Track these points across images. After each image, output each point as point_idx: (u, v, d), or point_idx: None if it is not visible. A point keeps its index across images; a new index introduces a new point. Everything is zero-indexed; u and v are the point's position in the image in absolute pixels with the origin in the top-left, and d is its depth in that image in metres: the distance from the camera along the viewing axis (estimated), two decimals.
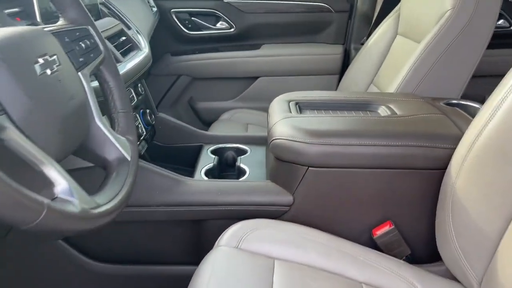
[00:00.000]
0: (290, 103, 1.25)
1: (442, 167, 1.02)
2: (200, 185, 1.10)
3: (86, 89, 0.72)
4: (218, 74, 2.18)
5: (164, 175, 1.09)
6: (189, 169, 1.44)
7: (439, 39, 1.39)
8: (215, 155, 1.36)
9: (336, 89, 2.15)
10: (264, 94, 2.18)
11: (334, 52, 2.16)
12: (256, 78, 2.17)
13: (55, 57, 0.64)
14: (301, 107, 1.26)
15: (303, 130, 1.05)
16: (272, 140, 1.08)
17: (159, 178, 1.08)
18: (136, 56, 1.27)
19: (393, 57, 1.77)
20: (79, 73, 0.72)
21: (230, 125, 1.91)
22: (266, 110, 2.19)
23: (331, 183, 1.05)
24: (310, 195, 1.06)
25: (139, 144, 1.25)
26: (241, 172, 1.26)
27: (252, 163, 1.30)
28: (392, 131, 1.05)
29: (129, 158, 0.74)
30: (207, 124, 2.19)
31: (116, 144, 0.73)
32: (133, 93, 1.27)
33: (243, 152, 1.38)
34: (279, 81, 2.17)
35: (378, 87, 1.80)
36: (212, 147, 1.40)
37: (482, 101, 2.19)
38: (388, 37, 1.84)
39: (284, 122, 1.11)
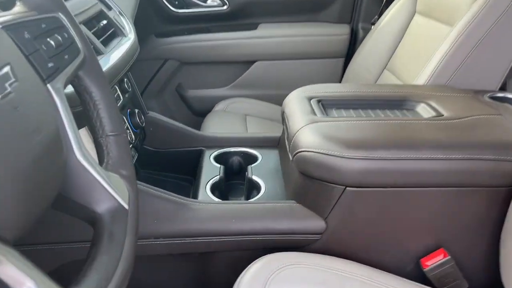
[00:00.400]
0: (312, 101, 1.03)
1: (509, 184, 0.83)
2: (209, 209, 0.88)
3: (60, 109, 0.49)
4: (209, 58, 1.93)
5: (163, 199, 0.87)
6: (189, 178, 1.21)
7: (478, 21, 1.17)
8: (219, 163, 1.13)
9: (342, 74, 1.93)
10: (262, 80, 1.95)
11: (339, 32, 1.93)
12: (252, 62, 1.93)
13: (7, 68, 0.40)
14: (325, 105, 1.04)
15: (338, 140, 0.84)
16: (298, 153, 0.87)
17: (157, 203, 0.86)
18: (121, 45, 1.02)
19: (412, 40, 1.56)
20: (48, 86, 0.48)
21: (227, 117, 1.69)
22: (264, 98, 1.98)
23: (374, 206, 0.85)
24: (346, 220, 0.86)
25: None
26: (254, 186, 1.04)
27: (265, 173, 1.08)
28: (449, 140, 0.85)
29: (126, 206, 0.52)
30: (198, 114, 1.96)
31: (107, 187, 0.51)
32: (119, 91, 1.02)
33: (253, 158, 1.16)
34: (278, 65, 1.94)
35: (395, 73, 1.60)
36: (215, 153, 1.17)
37: (502, 87, 1.98)
38: (404, 16, 1.62)
39: (311, 129, 0.89)
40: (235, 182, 1.16)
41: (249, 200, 0.98)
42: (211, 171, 1.09)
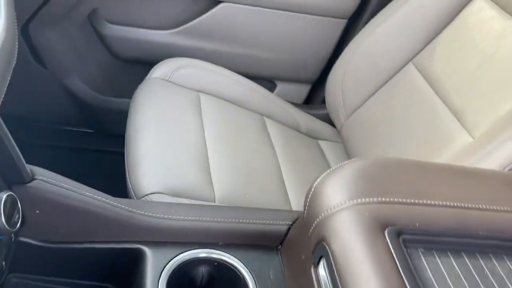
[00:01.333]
0: (389, 237, 0.51)
1: None
2: None
3: None
4: None
5: None
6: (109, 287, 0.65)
7: None
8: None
9: (339, 42, 1.36)
10: (229, 31, 1.31)
11: None
12: (217, 2, 1.25)
13: None
14: (408, 245, 0.53)
15: None
16: None
17: None
18: None
19: (464, 32, 1.08)
20: None
21: (170, 95, 1.14)
22: (226, 59, 1.30)
23: None
24: None
25: None
26: None
27: None
28: None
29: None
30: (124, 60, 1.31)
31: None
32: None
33: (235, 280, 0.62)
34: (252, 14, 1.28)
35: (425, 75, 1.15)
36: (167, 268, 0.60)
37: None
38: None
39: None
40: None
41: None
42: None
